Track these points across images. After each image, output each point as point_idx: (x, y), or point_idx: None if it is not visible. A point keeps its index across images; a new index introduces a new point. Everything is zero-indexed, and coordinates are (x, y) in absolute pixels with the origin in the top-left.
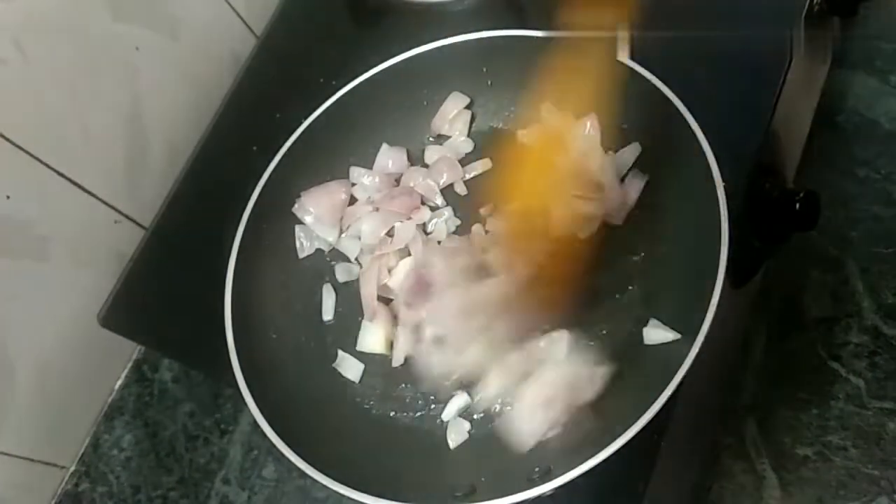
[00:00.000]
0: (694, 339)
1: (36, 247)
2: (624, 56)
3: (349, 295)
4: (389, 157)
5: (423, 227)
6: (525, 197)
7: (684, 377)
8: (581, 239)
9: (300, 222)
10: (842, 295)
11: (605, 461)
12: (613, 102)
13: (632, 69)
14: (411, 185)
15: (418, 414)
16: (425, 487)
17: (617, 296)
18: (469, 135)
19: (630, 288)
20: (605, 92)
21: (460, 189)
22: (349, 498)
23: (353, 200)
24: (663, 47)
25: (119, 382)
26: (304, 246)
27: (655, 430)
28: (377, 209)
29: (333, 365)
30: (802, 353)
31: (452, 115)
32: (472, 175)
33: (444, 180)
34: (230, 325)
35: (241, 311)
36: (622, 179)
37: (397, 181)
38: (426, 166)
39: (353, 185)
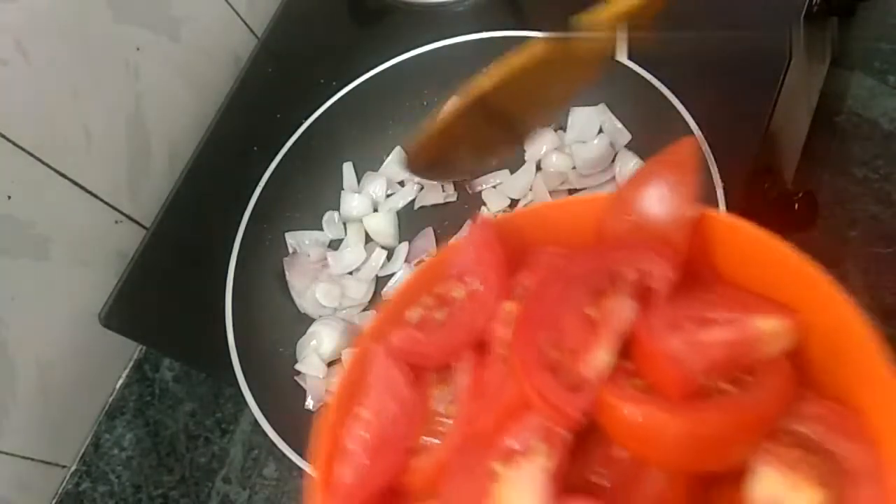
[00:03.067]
0: None
1: (36, 246)
2: (623, 56)
3: None
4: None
5: None
6: None
7: None
8: None
9: (293, 227)
10: None
11: None
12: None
13: (631, 69)
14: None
15: None
16: None
17: None
18: None
19: None
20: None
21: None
22: None
23: None
24: (663, 48)
25: (120, 382)
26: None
27: None
28: None
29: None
30: None
31: None
32: None
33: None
34: (230, 325)
35: (241, 311)
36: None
37: None
38: None
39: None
